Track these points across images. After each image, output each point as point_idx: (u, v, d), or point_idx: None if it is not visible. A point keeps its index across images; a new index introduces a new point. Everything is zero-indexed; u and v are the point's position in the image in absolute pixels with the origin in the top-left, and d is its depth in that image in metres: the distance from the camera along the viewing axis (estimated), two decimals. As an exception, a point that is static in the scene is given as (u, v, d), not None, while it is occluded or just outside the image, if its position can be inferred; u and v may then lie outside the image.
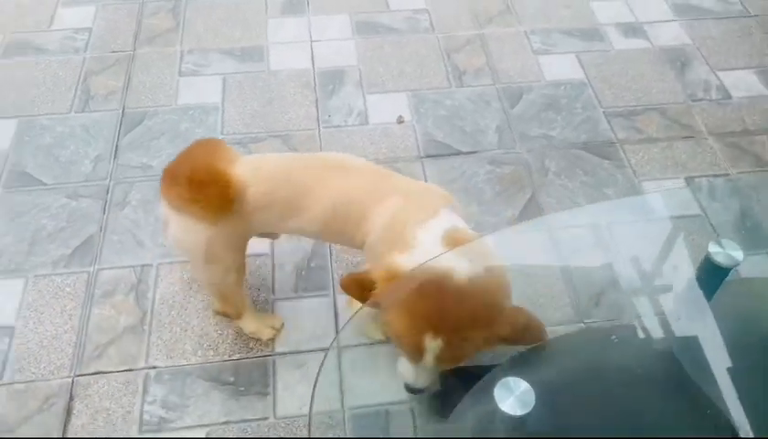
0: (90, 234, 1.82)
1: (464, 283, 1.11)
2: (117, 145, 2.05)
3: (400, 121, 2.13)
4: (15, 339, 1.61)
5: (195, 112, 2.15)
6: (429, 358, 1.12)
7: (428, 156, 2.04)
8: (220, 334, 1.63)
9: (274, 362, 1.58)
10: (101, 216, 1.86)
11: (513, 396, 0.93)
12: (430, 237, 1.21)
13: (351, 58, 2.35)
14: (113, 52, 2.34)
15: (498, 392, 0.94)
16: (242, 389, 1.54)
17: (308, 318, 1.66)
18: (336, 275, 1.75)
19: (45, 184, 1.94)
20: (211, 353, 1.60)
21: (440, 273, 1.12)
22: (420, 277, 1.14)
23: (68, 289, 1.71)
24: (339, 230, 1.37)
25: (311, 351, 1.60)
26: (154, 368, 1.57)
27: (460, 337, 1.10)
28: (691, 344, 1.24)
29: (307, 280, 1.74)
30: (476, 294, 1.11)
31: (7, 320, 1.64)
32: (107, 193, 1.92)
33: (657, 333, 1.36)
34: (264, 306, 1.68)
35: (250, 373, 1.56)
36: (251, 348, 1.61)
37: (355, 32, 2.44)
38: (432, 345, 1.10)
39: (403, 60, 2.34)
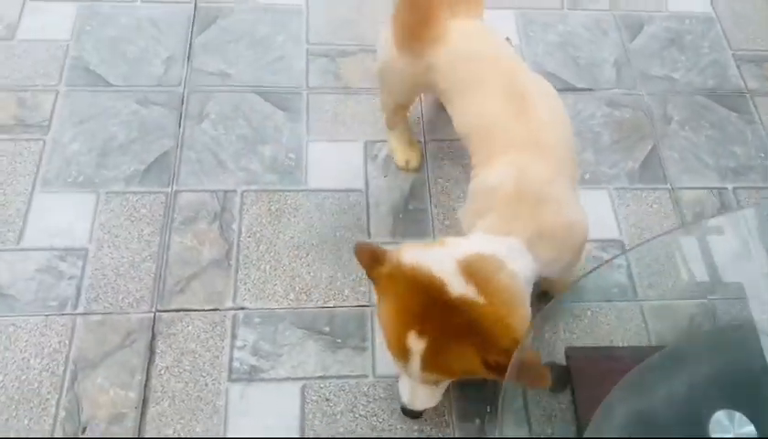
0: (166, 149, 1.63)
1: (470, 293, 1.01)
2: (190, 46, 1.82)
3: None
4: (88, 264, 1.46)
5: (275, 14, 1.90)
6: (413, 362, 1.04)
7: (538, 90, 1.82)
8: (313, 277, 1.48)
9: (372, 314, 1.45)
10: (177, 129, 1.67)
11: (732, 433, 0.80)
12: (456, 248, 1.08)
13: (450, -36, 2.06)
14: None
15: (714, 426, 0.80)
16: (339, 341, 1.41)
17: (408, 267, 1.52)
18: (436, 222, 1.58)
19: (112, 85, 1.73)
20: (304, 297, 1.46)
21: (447, 274, 1.03)
22: (424, 272, 1.04)
23: (143, 210, 1.54)
24: (473, 146, 1.24)
25: (412, 305, 1.47)
26: (243, 309, 1.43)
27: (447, 345, 1.02)
28: None
29: (405, 223, 1.58)
30: (480, 308, 1.01)
31: (80, 242, 1.49)
32: (182, 103, 1.71)
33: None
34: (360, 249, 1.53)
35: (345, 324, 1.43)
36: (347, 297, 1.47)
37: (454, -68, 2.14)
38: (416, 345, 1.02)
39: (509, -29, 2.06)
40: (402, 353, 1.05)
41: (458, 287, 1.01)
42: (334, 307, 1.45)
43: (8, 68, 1.72)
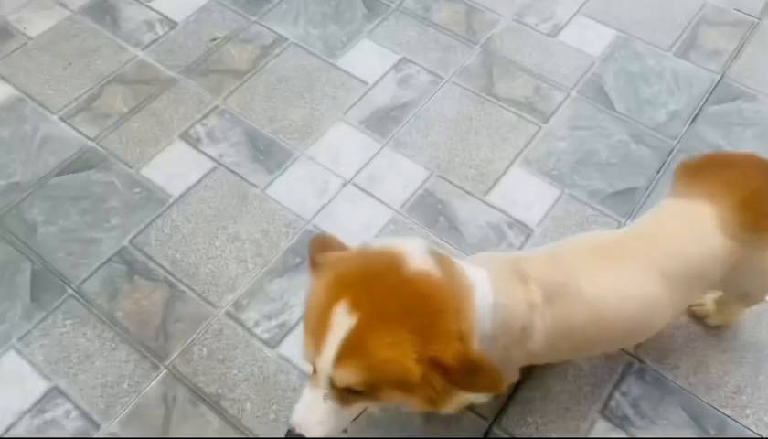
0: (636, 186, 1.69)
1: (428, 266, 0.87)
2: (699, 111, 1.84)
3: None
4: (529, 242, 1.59)
5: (798, 119, 1.82)
6: (330, 348, 0.82)
7: None
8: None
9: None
10: (654, 175, 1.71)
11: None
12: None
13: None
14: (737, 10, 2.08)
15: None
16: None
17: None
18: None
19: (615, 110, 1.84)
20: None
21: (410, 249, 0.90)
22: (382, 247, 0.91)
23: (594, 226, 1.62)
24: None
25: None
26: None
27: (380, 325, 0.81)
28: None
29: None
30: (434, 281, 0.86)
31: (529, 220, 1.63)
32: (668, 155, 1.75)
33: None
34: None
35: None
36: None
37: None
38: (342, 321, 0.82)
39: None
40: (321, 334, 0.84)
41: (418, 261, 0.88)
42: None
43: (541, 58, 1.95)
